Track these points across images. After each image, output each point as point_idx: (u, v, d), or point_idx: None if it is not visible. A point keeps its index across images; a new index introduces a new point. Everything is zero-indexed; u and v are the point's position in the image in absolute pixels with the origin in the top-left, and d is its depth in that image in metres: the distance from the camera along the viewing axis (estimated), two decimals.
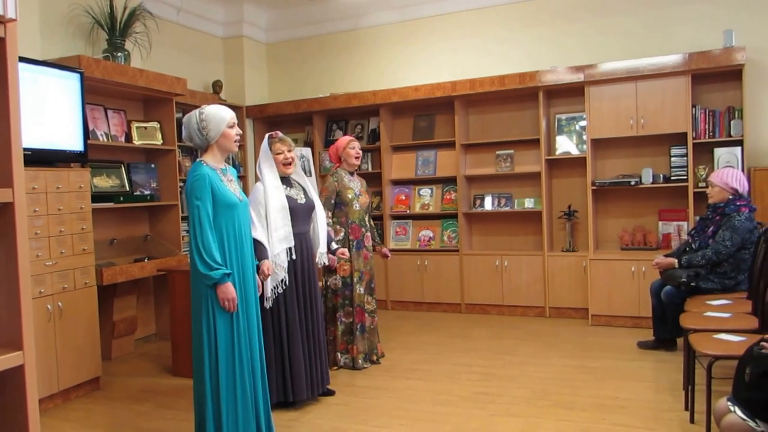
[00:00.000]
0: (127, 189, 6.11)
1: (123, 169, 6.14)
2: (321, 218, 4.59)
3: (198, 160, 3.55)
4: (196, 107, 6.34)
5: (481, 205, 7.23)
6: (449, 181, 7.34)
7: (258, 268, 3.93)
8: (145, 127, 6.34)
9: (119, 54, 5.99)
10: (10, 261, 1.66)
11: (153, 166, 6.47)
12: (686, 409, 3.88)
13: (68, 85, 4.98)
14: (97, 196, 5.62)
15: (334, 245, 4.93)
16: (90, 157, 5.31)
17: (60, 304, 4.71)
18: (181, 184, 6.48)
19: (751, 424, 2.40)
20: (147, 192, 6.28)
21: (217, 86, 7.81)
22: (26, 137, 4.41)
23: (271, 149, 4.34)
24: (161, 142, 6.42)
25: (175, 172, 6.48)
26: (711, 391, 3.38)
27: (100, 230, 5.77)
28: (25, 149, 4.09)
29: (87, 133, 5.22)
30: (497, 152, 7.10)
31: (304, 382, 4.31)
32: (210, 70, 8.00)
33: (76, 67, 5.15)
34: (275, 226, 4.16)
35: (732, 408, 2.51)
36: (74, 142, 5.00)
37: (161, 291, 6.54)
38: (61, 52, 5.64)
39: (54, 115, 4.84)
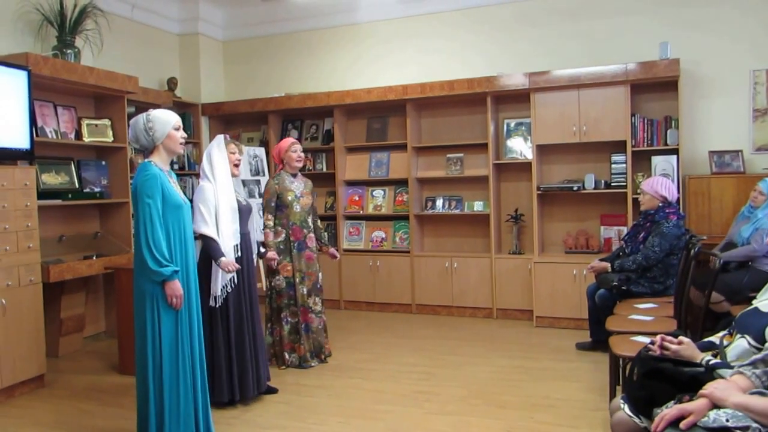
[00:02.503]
0: (77, 186, 6.24)
1: (73, 166, 6.28)
2: (257, 220, 4.92)
3: (146, 160, 3.74)
4: (149, 105, 6.77)
5: (433, 207, 7.63)
6: (401, 183, 7.71)
7: (219, 264, 4.29)
8: (96, 125, 6.48)
9: (69, 51, 6.14)
10: None
11: (104, 163, 6.63)
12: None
13: (15, 82, 5.13)
14: (46, 193, 5.77)
15: (262, 249, 5.28)
16: (38, 153, 5.47)
17: (3, 301, 4.83)
18: (132, 181, 6.66)
19: (636, 420, 2.57)
20: (97, 189, 6.41)
21: (171, 83, 8.05)
22: None
23: (227, 149, 4.64)
24: (112, 139, 6.57)
25: (126, 169, 6.63)
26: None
27: (48, 227, 5.91)
28: None
29: (34, 131, 5.39)
30: (448, 155, 7.51)
31: (251, 381, 4.57)
32: (165, 67, 8.21)
33: (24, 64, 5.28)
34: (225, 223, 4.43)
35: (622, 405, 2.68)
36: (20, 140, 5.17)
37: (111, 289, 6.56)
38: (8, 48, 5.77)
39: None
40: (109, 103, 6.66)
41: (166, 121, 3.73)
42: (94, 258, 6.08)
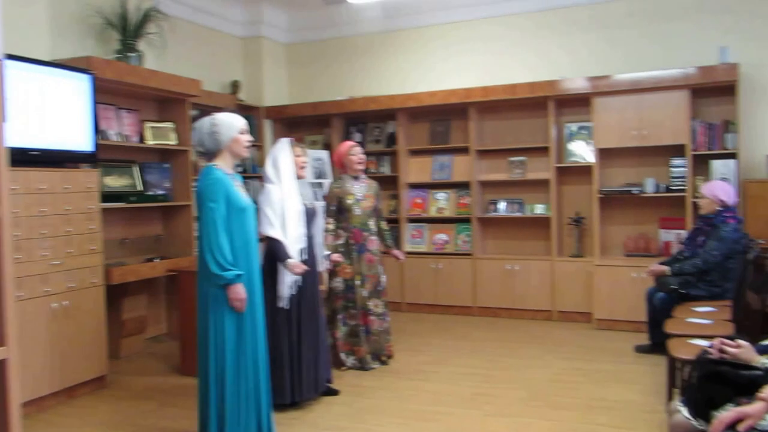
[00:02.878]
0: (140, 189, 6.31)
1: (136, 168, 6.36)
2: (320, 224, 4.96)
3: (210, 164, 3.76)
4: (212, 108, 6.86)
5: (495, 209, 7.77)
6: (464, 186, 7.86)
7: (286, 266, 4.35)
8: (159, 128, 6.56)
9: (132, 55, 6.20)
10: None
11: (166, 166, 6.69)
12: (667, 410, 4.36)
13: (78, 86, 5.20)
14: (109, 196, 5.80)
15: (326, 252, 5.22)
16: (101, 156, 5.51)
17: (66, 303, 4.90)
18: (195, 184, 6.74)
19: (693, 423, 2.56)
20: (160, 192, 6.49)
21: (235, 86, 8.18)
22: (35, 138, 4.84)
23: (292, 152, 4.64)
24: (175, 142, 6.64)
25: (189, 172, 6.68)
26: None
27: (111, 230, 5.95)
28: (33, 150, 4.76)
29: (97, 134, 5.45)
30: (510, 158, 7.65)
31: (311, 382, 4.67)
32: (228, 70, 8.34)
33: (87, 68, 5.35)
34: (292, 227, 4.45)
35: (680, 408, 2.69)
36: (84, 143, 5.24)
37: (173, 291, 6.65)
38: (71, 52, 5.77)
39: (63, 116, 5.05)
40: (172, 106, 6.75)
41: (231, 125, 3.77)
42: (157, 260, 6.21)
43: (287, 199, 4.48)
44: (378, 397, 4.92)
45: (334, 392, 4.95)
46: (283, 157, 4.60)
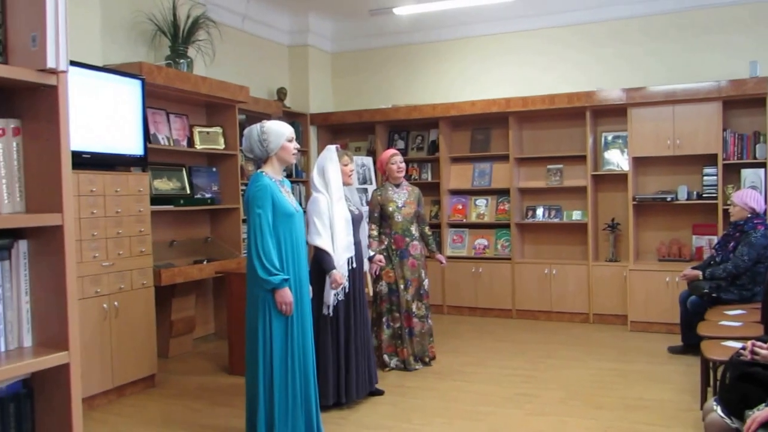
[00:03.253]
0: (188, 192, 6.40)
1: (184, 172, 6.45)
2: (365, 229, 5.10)
3: (259, 170, 3.85)
4: (259, 114, 7.19)
5: (533, 215, 8.01)
6: (503, 193, 8.09)
7: (329, 277, 4.42)
8: (208, 132, 6.66)
9: (182, 61, 6.28)
10: (60, 275, 1.89)
11: (214, 169, 6.81)
12: (701, 408, 4.19)
13: (129, 90, 5.29)
14: (158, 199, 5.88)
15: (370, 253, 5.37)
16: (151, 159, 5.59)
17: (116, 303, 4.99)
18: (243, 188, 6.69)
19: (728, 421, 2.65)
20: (208, 195, 6.58)
21: (281, 93, 8.31)
22: (86, 141, 4.87)
23: (340, 161, 4.76)
24: (223, 146, 6.74)
25: (236, 176, 6.81)
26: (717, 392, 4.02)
27: (160, 232, 6.00)
28: (84, 153, 4.89)
29: (147, 138, 5.51)
30: (548, 166, 7.89)
31: (357, 384, 4.75)
32: (274, 78, 8.48)
33: (138, 73, 5.43)
34: (340, 236, 4.53)
35: (715, 407, 2.76)
36: (134, 147, 5.33)
37: (220, 292, 6.74)
38: (123, 57, 5.91)
39: (115, 120, 5.13)
40: (220, 111, 6.84)
41: (280, 132, 3.85)
42: (205, 262, 6.25)
43: (335, 209, 4.55)
44: (422, 397, 5.04)
45: (379, 392, 5.06)
46: (331, 166, 4.67)
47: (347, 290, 4.71)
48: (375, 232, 5.70)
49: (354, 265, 4.76)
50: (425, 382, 5.46)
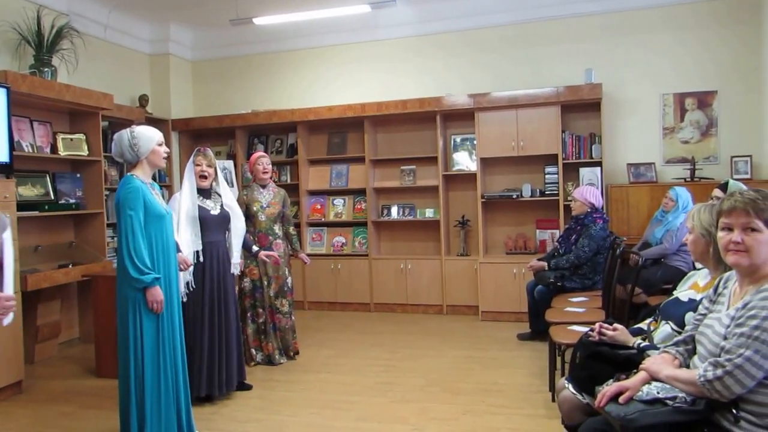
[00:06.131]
0: (52, 198, 6.14)
1: (48, 178, 6.17)
2: (236, 229, 4.84)
3: (129, 173, 3.68)
4: (122, 120, 6.75)
5: (388, 214, 7.82)
6: (360, 193, 7.87)
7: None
8: (71, 139, 6.37)
9: (46, 69, 6.04)
10: None
11: (78, 175, 6.50)
12: (550, 390, 4.43)
13: None
14: (23, 205, 5.60)
15: (255, 248, 5.23)
16: (15, 167, 5.30)
17: None
18: (107, 193, 6.63)
19: (579, 397, 2.68)
20: (72, 201, 6.29)
21: (143, 100, 7.95)
22: None
23: (193, 161, 4.64)
24: (87, 153, 6.46)
25: (101, 181, 6.54)
26: (565, 373, 4.01)
27: (24, 238, 5.70)
28: None
29: (12, 145, 5.22)
30: (402, 167, 7.71)
31: (209, 378, 4.52)
32: (136, 85, 8.13)
33: (3, 81, 5.17)
34: (183, 230, 4.44)
35: (567, 386, 2.78)
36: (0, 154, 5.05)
37: (85, 296, 6.51)
38: None
39: None
40: (84, 118, 6.55)
41: (150, 137, 3.70)
42: (70, 266, 5.97)
43: (183, 204, 4.50)
44: (290, 390, 4.87)
45: (247, 387, 4.89)
46: (188, 166, 4.64)
47: (194, 286, 4.52)
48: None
49: (200, 259, 4.55)
50: (291, 375, 5.27)
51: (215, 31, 8.48)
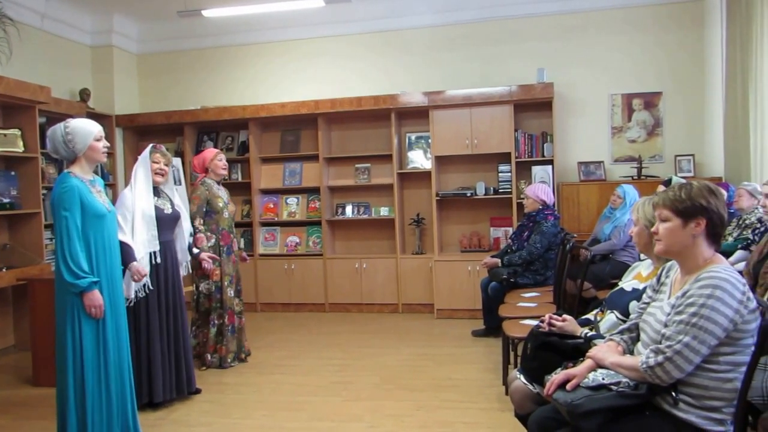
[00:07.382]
0: None
1: None
2: (185, 229, 4.79)
3: (66, 171, 3.52)
4: (61, 115, 6.46)
5: (343, 213, 7.88)
6: (314, 191, 7.89)
7: (129, 270, 4.07)
8: (5, 134, 6.09)
9: None
10: None
11: (13, 173, 6.23)
12: (503, 383, 4.51)
13: None
14: None
15: (195, 250, 5.13)
16: None
17: None
18: (44, 192, 6.33)
19: (530, 387, 2.79)
20: (6, 200, 6.03)
21: (84, 94, 7.75)
22: None
23: (150, 158, 4.51)
24: (23, 149, 6.19)
25: (38, 180, 6.29)
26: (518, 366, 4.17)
27: None
28: None
29: None
30: (356, 165, 7.79)
31: (165, 384, 4.45)
32: (77, 78, 7.90)
33: None
34: (139, 230, 4.29)
35: (518, 376, 2.89)
36: None
37: (21, 301, 6.22)
38: None
39: None
40: (19, 112, 6.27)
41: (87, 131, 3.52)
42: (4, 270, 5.73)
43: (137, 203, 4.35)
44: (241, 393, 4.85)
45: (196, 391, 4.79)
46: (141, 163, 4.49)
47: (150, 288, 4.39)
48: (203, 227, 5.38)
49: (158, 260, 4.44)
50: (243, 377, 5.24)
51: (162, 24, 8.34)
